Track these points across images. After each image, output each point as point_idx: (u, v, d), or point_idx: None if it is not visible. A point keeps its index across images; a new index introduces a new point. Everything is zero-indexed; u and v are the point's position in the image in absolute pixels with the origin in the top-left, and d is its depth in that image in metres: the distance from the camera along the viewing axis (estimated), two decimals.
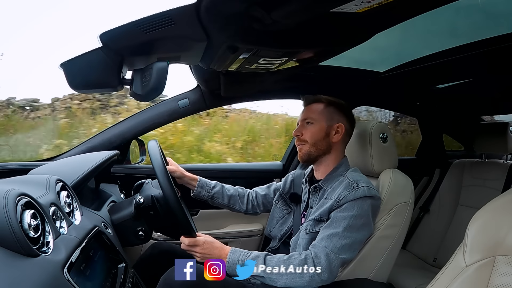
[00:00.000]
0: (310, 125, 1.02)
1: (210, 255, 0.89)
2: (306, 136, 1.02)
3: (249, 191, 1.25)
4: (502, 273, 0.50)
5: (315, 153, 1.02)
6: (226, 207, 1.22)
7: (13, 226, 0.53)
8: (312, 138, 1.01)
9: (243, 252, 0.89)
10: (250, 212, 1.23)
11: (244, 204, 1.21)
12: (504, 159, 1.86)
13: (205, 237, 0.92)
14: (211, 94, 1.41)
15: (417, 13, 0.79)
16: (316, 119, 1.02)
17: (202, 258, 0.90)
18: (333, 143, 1.02)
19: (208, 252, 0.90)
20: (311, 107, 1.05)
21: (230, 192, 1.21)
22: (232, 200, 1.20)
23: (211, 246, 0.90)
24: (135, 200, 0.98)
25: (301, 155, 1.03)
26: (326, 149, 1.02)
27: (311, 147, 1.01)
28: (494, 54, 1.07)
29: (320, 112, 1.03)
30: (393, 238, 0.98)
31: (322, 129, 1.01)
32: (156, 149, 0.94)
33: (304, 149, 1.02)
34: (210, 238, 0.92)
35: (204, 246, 0.90)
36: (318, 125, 1.02)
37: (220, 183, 1.22)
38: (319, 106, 1.04)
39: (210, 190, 1.18)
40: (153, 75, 0.73)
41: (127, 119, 1.42)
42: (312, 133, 1.01)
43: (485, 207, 0.56)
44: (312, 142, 1.01)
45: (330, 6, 0.66)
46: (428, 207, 1.84)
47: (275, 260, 0.86)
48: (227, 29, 0.76)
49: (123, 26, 0.66)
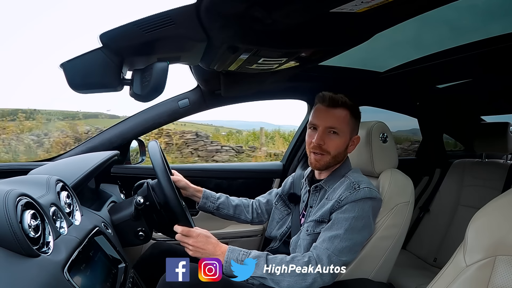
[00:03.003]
0: (335, 136, 0.94)
1: (204, 250, 0.85)
2: (329, 146, 0.94)
3: (253, 201, 1.24)
4: (502, 273, 0.50)
5: (333, 164, 0.97)
6: (231, 218, 1.20)
7: (13, 227, 0.53)
8: (336, 150, 0.94)
9: (242, 251, 0.86)
10: (256, 221, 1.22)
11: (250, 214, 1.20)
12: (504, 159, 1.86)
13: (201, 231, 0.88)
14: (211, 94, 1.41)
15: (417, 13, 0.79)
16: (342, 131, 0.94)
17: (194, 252, 0.86)
18: (347, 153, 1.00)
19: (201, 247, 0.85)
20: (336, 113, 0.94)
21: (235, 202, 1.20)
22: (237, 210, 1.20)
23: (206, 241, 0.86)
24: (135, 200, 0.98)
25: (319, 166, 0.96)
26: (341, 160, 0.99)
27: (332, 159, 0.95)
28: (494, 54, 1.07)
29: (347, 123, 0.95)
30: (393, 238, 0.98)
31: (345, 142, 0.96)
32: (156, 149, 0.94)
33: (323, 159, 0.95)
34: (207, 233, 0.89)
35: (198, 239, 0.86)
36: (344, 138, 0.95)
37: (225, 194, 1.21)
38: (346, 115, 0.95)
39: (215, 201, 1.17)
40: (153, 76, 0.73)
41: (127, 119, 1.42)
42: (337, 145, 0.94)
43: (485, 207, 0.56)
44: (334, 154, 0.94)
45: (330, 6, 0.66)
46: (428, 207, 1.83)
47: (277, 260, 0.84)
48: (227, 29, 0.76)
49: (123, 26, 0.66)
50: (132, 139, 1.43)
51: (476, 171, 1.74)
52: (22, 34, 3.99)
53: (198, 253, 0.86)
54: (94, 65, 0.70)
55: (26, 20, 4.10)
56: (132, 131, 1.40)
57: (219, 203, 1.17)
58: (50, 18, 4.88)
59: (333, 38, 0.90)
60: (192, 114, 1.49)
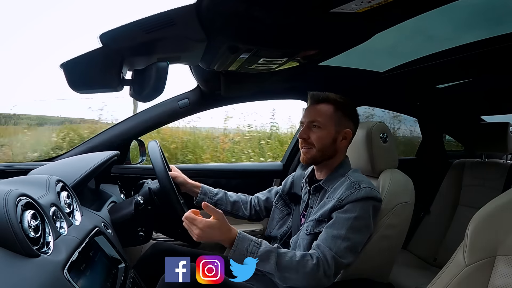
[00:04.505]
0: (318, 129, 0.98)
1: (212, 237, 0.79)
2: (313, 139, 0.97)
3: (251, 197, 1.24)
4: (502, 273, 0.50)
5: (321, 158, 0.99)
6: (229, 214, 1.20)
7: (13, 227, 0.53)
8: (320, 142, 0.97)
9: (252, 242, 0.81)
10: (253, 217, 1.22)
11: (248, 210, 1.21)
12: (504, 159, 1.86)
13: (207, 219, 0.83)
14: (211, 94, 1.41)
15: (417, 13, 0.79)
16: (324, 124, 0.97)
17: (199, 238, 0.79)
18: (339, 148, 1.00)
19: (208, 234, 0.79)
20: (319, 108, 0.99)
21: (233, 198, 1.20)
22: (235, 206, 1.20)
23: (213, 224, 0.80)
24: (135, 200, 0.98)
25: (306, 159, 1.00)
26: (331, 154, 1.00)
27: (318, 152, 0.98)
28: (494, 54, 1.08)
29: (329, 117, 0.97)
30: (393, 238, 0.98)
31: (330, 134, 0.97)
32: (156, 149, 0.95)
33: (310, 153, 0.98)
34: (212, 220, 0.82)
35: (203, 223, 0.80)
36: (326, 130, 0.97)
37: (223, 190, 1.21)
38: (328, 109, 0.98)
39: (213, 197, 1.17)
40: (153, 76, 0.73)
41: (127, 119, 1.42)
42: (320, 137, 0.97)
43: (485, 207, 0.56)
44: (319, 147, 0.97)
45: (330, 6, 0.66)
46: (428, 207, 1.83)
47: (287, 259, 0.82)
48: (227, 29, 0.76)
49: (123, 26, 0.66)
50: (132, 139, 1.43)
51: (476, 171, 1.74)
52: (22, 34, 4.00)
53: (203, 239, 0.80)
54: (94, 65, 0.70)
55: (26, 20, 4.10)
56: (132, 131, 1.40)
57: (217, 199, 1.17)
58: (50, 18, 4.88)
59: (333, 38, 0.90)
60: (192, 114, 1.49)
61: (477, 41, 1.04)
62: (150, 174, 1.17)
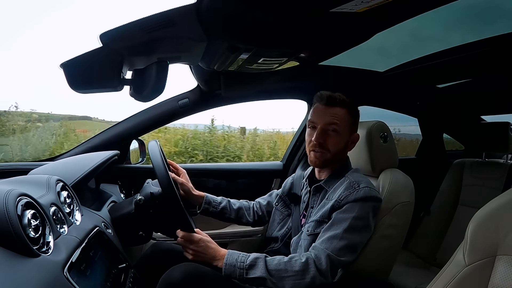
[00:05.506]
0: (335, 134, 0.95)
1: (205, 254, 0.87)
2: (329, 144, 0.95)
3: (253, 202, 1.24)
4: (502, 273, 0.50)
5: (332, 162, 0.98)
6: (233, 221, 1.20)
7: (13, 226, 0.53)
8: (336, 147, 0.95)
9: (241, 254, 0.87)
10: (257, 223, 1.22)
11: (251, 216, 1.21)
12: (504, 159, 1.86)
13: (202, 236, 0.90)
14: (211, 94, 1.41)
15: (417, 13, 0.79)
16: (342, 129, 0.95)
17: (194, 257, 0.88)
18: (347, 151, 1.01)
19: (202, 251, 0.88)
20: (336, 111, 0.95)
21: (236, 206, 1.20)
22: (239, 213, 1.20)
23: (206, 246, 0.88)
24: (135, 200, 0.98)
25: (319, 162, 0.97)
26: (342, 157, 1.00)
27: (332, 156, 0.96)
28: (494, 54, 1.08)
29: (346, 122, 0.96)
30: (393, 238, 0.98)
31: (345, 139, 0.97)
32: (156, 149, 0.94)
33: (323, 156, 0.96)
34: (207, 238, 0.91)
35: (199, 244, 0.88)
36: (344, 136, 0.96)
37: (226, 198, 1.21)
38: (345, 113, 0.96)
39: (217, 206, 1.17)
40: (153, 75, 0.74)
41: (127, 119, 1.42)
42: (337, 143, 0.95)
43: (485, 207, 0.56)
44: (334, 151, 0.95)
45: (330, 6, 0.66)
46: (428, 207, 1.83)
47: (275, 262, 0.85)
48: (227, 29, 0.76)
49: (124, 26, 0.66)
50: (132, 139, 1.43)
51: (476, 171, 1.74)
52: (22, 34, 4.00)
53: (198, 258, 0.88)
54: (94, 65, 0.70)
55: (26, 20, 4.10)
56: (132, 131, 1.40)
57: (222, 208, 1.17)
58: (50, 18, 4.88)
59: (333, 38, 0.90)
60: (192, 114, 1.49)
61: (477, 41, 1.04)
62: (150, 174, 1.17)
